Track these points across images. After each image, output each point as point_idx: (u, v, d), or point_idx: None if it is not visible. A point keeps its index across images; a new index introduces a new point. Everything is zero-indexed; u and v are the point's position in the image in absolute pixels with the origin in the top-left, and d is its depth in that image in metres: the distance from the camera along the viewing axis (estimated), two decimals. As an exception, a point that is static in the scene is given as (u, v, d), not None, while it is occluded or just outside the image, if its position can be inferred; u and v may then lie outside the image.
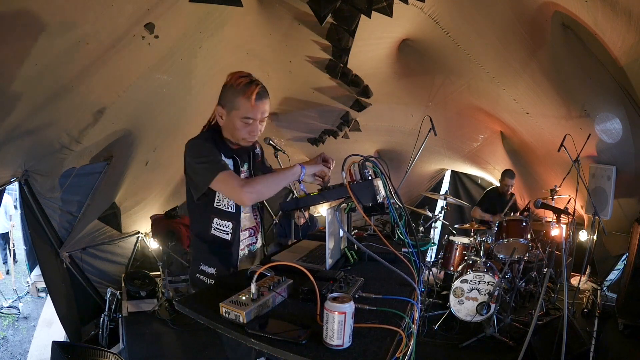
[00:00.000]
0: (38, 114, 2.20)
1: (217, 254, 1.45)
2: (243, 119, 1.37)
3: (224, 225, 1.44)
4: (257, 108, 1.36)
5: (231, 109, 1.38)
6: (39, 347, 3.78)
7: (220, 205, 1.44)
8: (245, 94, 1.33)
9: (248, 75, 1.38)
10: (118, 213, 3.97)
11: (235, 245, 1.45)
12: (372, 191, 1.25)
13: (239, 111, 1.36)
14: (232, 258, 1.46)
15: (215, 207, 1.43)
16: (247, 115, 1.36)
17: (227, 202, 1.44)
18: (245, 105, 1.35)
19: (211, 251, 1.45)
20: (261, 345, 0.90)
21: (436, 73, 3.49)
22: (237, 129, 1.39)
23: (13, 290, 5.05)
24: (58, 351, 2.07)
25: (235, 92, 1.35)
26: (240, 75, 1.37)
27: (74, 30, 1.80)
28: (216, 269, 1.44)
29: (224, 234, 1.44)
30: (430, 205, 4.45)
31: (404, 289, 1.23)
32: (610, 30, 2.21)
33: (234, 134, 1.42)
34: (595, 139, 3.29)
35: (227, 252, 1.45)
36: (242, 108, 1.35)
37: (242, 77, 1.36)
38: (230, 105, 1.37)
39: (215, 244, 1.44)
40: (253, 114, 1.37)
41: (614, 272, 3.84)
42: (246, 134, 1.41)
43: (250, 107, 1.35)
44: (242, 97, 1.34)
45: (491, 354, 2.98)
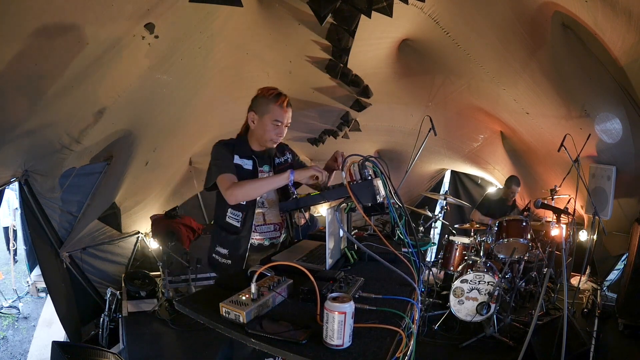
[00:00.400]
0: (38, 114, 2.20)
1: (229, 238, 1.72)
2: (274, 121, 1.66)
3: (235, 214, 1.71)
4: (286, 113, 1.68)
5: (263, 113, 1.66)
6: (39, 347, 3.78)
7: None
8: (277, 101, 1.65)
9: (277, 89, 1.69)
10: (118, 213, 3.97)
11: (244, 232, 1.71)
12: (372, 191, 1.25)
13: (270, 115, 1.65)
14: (241, 243, 1.71)
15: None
16: (277, 118, 1.66)
17: None
18: (277, 110, 1.65)
19: (225, 235, 1.73)
20: (261, 345, 0.90)
21: (436, 73, 3.49)
22: (267, 130, 1.68)
23: (13, 290, 5.05)
24: (58, 351, 2.07)
25: (267, 100, 1.65)
26: (271, 88, 1.68)
27: (74, 30, 1.80)
28: (228, 250, 1.73)
29: (234, 221, 1.71)
30: (430, 205, 4.45)
31: (404, 289, 1.23)
32: (610, 30, 2.21)
33: (263, 135, 1.69)
34: (595, 139, 3.29)
35: (236, 237, 1.71)
36: (273, 112, 1.65)
37: (273, 90, 1.68)
38: (263, 110, 1.66)
39: (227, 229, 1.72)
40: (283, 117, 1.67)
41: (614, 272, 3.85)
42: (274, 135, 1.70)
43: (282, 112, 1.66)
44: (274, 104, 1.65)
45: (491, 354, 2.98)
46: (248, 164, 1.70)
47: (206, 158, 4.76)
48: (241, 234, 1.70)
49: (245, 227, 1.70)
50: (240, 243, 1.71)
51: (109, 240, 4.01)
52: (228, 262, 1.73)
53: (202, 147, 4.33)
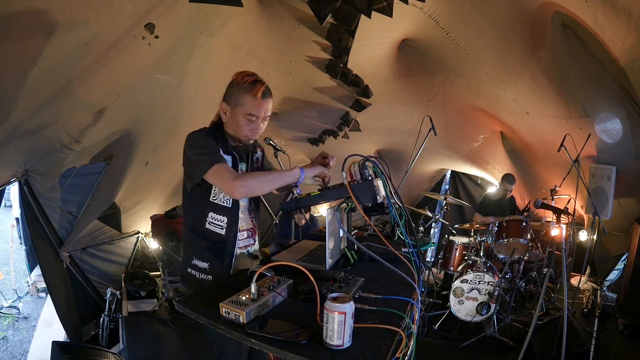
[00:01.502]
0: (38, 114, 2.20)
1: (211, 249, 1.45)
2: (247, 115, 1.40)
3: (218, 219, 1.44)
4: (261, 106, 1.39)
5: (236, 105, 1.40)
6: (39, 347, 3.78)
7: (217, 200, 1.44)
8: (251, 91, 1.36)
9: (254, 75, 1.41)
10: (118, 213, 3.97)
11: (230, 241, 1.45)
12: (372, 191, 1.25)
13: (243, 107, 1.39)
14: (226, 253, 1.45)
15: (211, 201, 1.44)
16: (251, 112, 1.39)
17: (224, 197, 1.44)
18: (250, 103, 1.38)
19: (205, 245, 1.45)
20: (261, 345, 0.90)
21: (436, 73, 3.49)
22: (240, 125, 1.42)
23: (13, 290, 5.05)
24: (58, 351, 2.07)
25: (240, 90, 1.38)
26: (247, 74, 1.40)
27: (74, 30, 1.80)
28: (209, 263, 1.44)
29: (218, 229, 1.44)
30: (430, 205, 4.45)
31: (404, 289, 1.23)
32: (610, 30, 2.21)
33: (236, 130, 1.44)
34: (595, 139, 3.29)
35: (221, 248, 1.45)
36: (247, 105, 1.38)
37: (248, 76, 1.39)
38: (235, 101, 1.40)
39: (209, 239, 1.44)
40: (257, 111, 1.40)
41: (614, 272, 3.84)
42: (248, 131, 1.44)
43: (256, 105, 1.38)
44: (247, 94, 1.37)
45: (491, 354, 2.98)
46: (228, 159, 1.44)
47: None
48: (226, 242, 1.45)
49: (231, 235, 1.45)
50: (224, 254, 1.45)
51: (109, 240, 4.01)
52: (208, 277, 1.44)
53: (202, 147, 4.33)
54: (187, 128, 1.48)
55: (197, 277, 1.46)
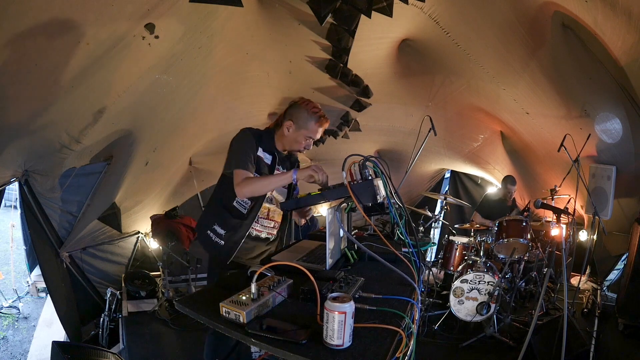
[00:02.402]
0: (38, 114, 2.20)
1: (232, 221, 1.77)
2: (307, 137, 1.80)
3: (244, 201, 1.77)
4: (319, 133, 1.82)
5: (301, 127, 1.78)
6: (39, 347, 3.78)
7: None
8: (318, 122, 1.79)
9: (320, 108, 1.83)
10: (118, 213, 3.97)
11: (248, 220, 1.76)
12: (372, 191, 1.25)
13: (307, 131, 1.79)
14: (241, 229, 1.76)
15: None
16: (311, 135, 1.81)
17: None
18: (314, 129, 1.80)
19: (227, 217, 1.77)
20: (261, 345, 0.90)
21: (436, 73, 3.49)
22: (298, 142, 1.81)
23: (13, 290, 5.05)
24: (58, 351, 2.07)
25: (310, 117, 1.78)
26: (315, 106, 1.82)
27: (74, 30, 1.80)
28: (226, 231, 1.77)
29: (241, 207, 1.77)
30: (430, 205, 4.45)
31: (404, 288, 1.23)
32: (610, 30, 2.21)
33: (292, 144, 1.82)
34: (595, 139, 3.29)
35: (239, 223, 1.77)
36: (311, 130, 1.79)
37: (317, 109, 1.80)
38: (302, 124, 1.78)
39: (232, 213, 1.77)
40: (316, 136, 1.82)
41: (614, 272, 3.85)
42: (302, 147, 1.84)
43: (317, 132, 1.81)
44: (314, 123, 1.78)
45: (491, 354, 2.98)
46: (268, 158, 1.80)
47: (206, 158, 4.77)
48: (245, 220, 1.76)
49: (250, 216, 1.76)
50: (240, 229, 1.76)
51: (109, 240, 4.01)
52: (221, 242, 1.76)
53: (202, 147, 4.33)
54: (188, 128, 1.49)
55: (212, 240, 1.78)
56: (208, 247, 1.80)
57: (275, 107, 4.10)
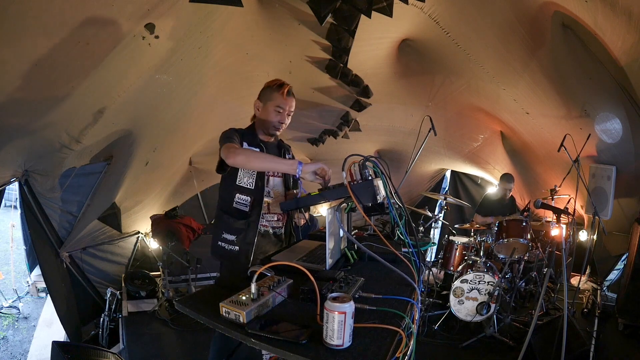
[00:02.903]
0: (38, 114, 2.20)
1: (238, 224, 1.75)
2: (276, 107, 1.76)
3: (243, 199, 1.75)
4: (287, 101, 1.77)
5: (267, 100, 1.78)
6: (39, 347, 3.78)
7: (241, 183, 1.76)
8: (280, 90, 1.75)
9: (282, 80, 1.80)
10: (118, 213, 3.97)
11: (253, 217, 1.74)
12: (372, 191, 1.25)
13: (273, 102, 1.76)
14: (249, 228, 1.74)
15: (237, 185, 1.76)
16: (279, 104, 1.76)
17: (247, 180, 1.76)
18: (278, 98, 1.76)
19: (232, 221, 1.75)
20: (261, 345, 0.90)
21: (436, 73, 3.49)
22: (269, 117, 1.77)
23: (13, 290, 5.05)
24: (58, 351, 2.07)
25: (271, 89, 1.77)
26: (276, 79, 1.79)
27: (74, 30, 1.80)
28: (236, 236, 1.74)
29: (242, 207, 1.76)
30: (430, 205, 4.45)
31: (404, 288, 1.23)
32: (610, 30, 2.21)
33: (266, 123, 1.79)
34: (595, 139, 3.29)
35: (245, 222, 1.74)
36: (275, 99, 1.76)
37: (277, 80, 1.79)
38: (266, 98, 1.78)
39: (236, 215, 1.75)
40: (284, 104, 1.77)
41: (614, 272, 3.84)
42: (276, 122, 1.79)
43: (282, 99, 1.76)
44: (276, 92, 1.75)
45: (491, 354, 2.98)
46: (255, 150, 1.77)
47: (206, 158, 4.76)
48: (250, 218, 1.74)
49: (254, 212, 1.74)
50: (249, 229, 1.73)
51: (109, 240, 4.01)
52: (235, 248, 1.72)
53: (202, 147, 4.34)
54: (187, 128, 1.50)
55: (225, 249, 1.75)
56: (224, 258, 1.77)
57: (275, 107, 4.09)
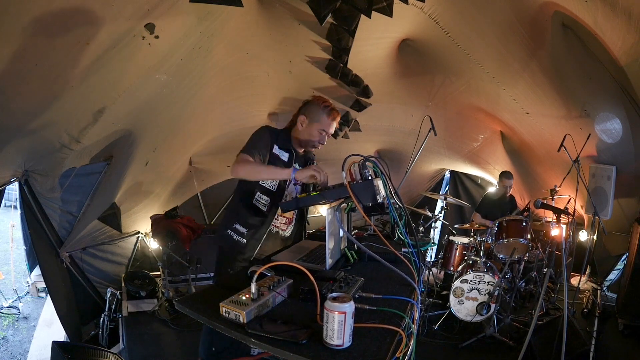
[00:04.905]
0: (38, 114, 2.20)
1: (252, 219, 1.83)
2: (321, 130, 1.83)
3: (263, 199, 1.82)
4: (332, 126, 1.86)
5: (313, 120, 1.82)
6: (39, 347, 3.78)
7: (265, 184, 1.83)
8: (330, 115, 1.83)
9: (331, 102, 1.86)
10: (118, 213, 3.97)
11: (269, 218, 1.84)
12: (372, 191, 1.25)
13: (320, 124, 1.82)
14: (262, 227, 1.84)
15: (260, 184, 1.82)
16: (325, 129, 1.84)
17: (270, 182, 1.83)
18: (327, 123, 1.83)
19: (248, 215, 1.82)
20: (261, 345, 0.90)
21: (436, 73, 3.49)
22: (312, 136, 1.84)
23: (13, 290, 5.05)
24: (58, 351, 2.07)
25: (321, 111, 1.82)
26: (326, 100, 1.85)
27: (74, 30, 1.80)
28: (247, 230, 1.82)
29: (261, 205, 1.82)
30: (430, 205, 4.44)
31: (404, 288, 1.23)
32: (610, 30, 2.21)
33: (307, 139, 1.85)
34: (595, 139, 3.29)
35: (260, 220, 1.83)
36: (324, 123, 1.83)
37: (328, 102, 1.85)
38: (314, 117, 1.82)
39: (253, 211, 1.82)
40: (328, 129, 1.85)
41: (614, 272, 3.84)
42: (316, 142, 1.87)
43: (330, 125, 1.84)
44: (327, 116, 1.82)
45: (491, 354, 2.98)
46: (285, 155, 1.84)
47: (206, 158, 4.76)
48: (266, 218, 1.83)
49: (271, 213, 1.83)
50: (262, 226, 1.84)
51: (109, 240, 4.01)
52: (243, 240, 1.81)
53: (202, 147, 4.33)
54: (188, 128, 1.50)
55: (234, 238, 1.82)
56: (227, 245, 1.83)
57: (275, 107, 4.10)
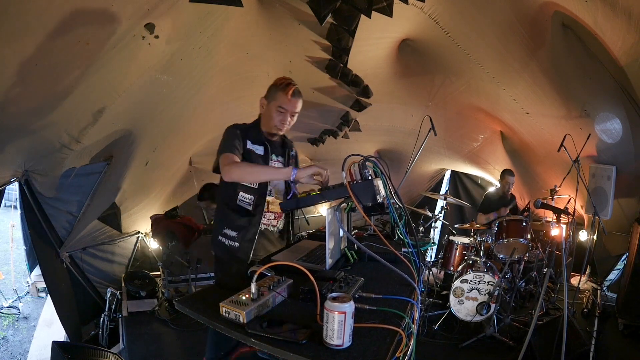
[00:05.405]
0: (38, 114, 2.20)
1: (240, 221, 1.74)
2: (278, 107, 1.72)
3: (247, 197, 1.74)
4: (291, 102, 1.72)
5: (271, 99, 1.74)
6: (39, 347, 3.78)
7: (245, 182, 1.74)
8: (285, 90, 1.71)
9: (290, 80, 1.75)
10: (118, 213, 3.97)
11: (257, 216, 1.74)
12: (372, 191, 1.25)
13: (276, 101, 1.72)
14: (251, 226, 1.74)
15: (241, 183, 1.73)
16: (282, 105, 1.72)
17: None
18: (282, 98, 1.71)
19: (235, 218, 1.74)
20: (261, 345, 0.90)
21: (436, 73, 3.49)
22: (272, 117, 1.74)
23: (13, 290, 5.05)
24: (58, 351, 2.07)
25: (277, 88, 1.73)
26: (284, 78, 1.75)
27: (74, 30, 1.80)
28: (237, 232, 1.74)
29: (246, 205, 1.74)
30: (430, 205, 4.45)
31: (404, 288, 1.23)
32: (610, 30, 2.21)
33: (268, 122, 1.76)
34: (595, 139, 3.29)
35: (248, 220, 1.74)
36: (279, 99, 1.72)
37: (285, 79, 1.74)
38: (271, 97, 1.74)
39: (239, 212, 1.74)
40: (287, 105, 1.72)
41: (614, 272, 3.85)
42: (278, 122, 1.75)
43: (286, 100, 1.71)
44: (281, 92, 1.71)
45: (491, 354, 2.98)
46: (259, 149, 1.76)
47: (206, 158, 4.76)
48: (254, 217, 1.73)
49: (257, 211, 1.74)
50: (251, 226, 1.74)
51: (109, 240, 4.01)
52: (236, 244, 1.73)
53: (202, 147, 4.33)
54: (187, 128, 1.50)
55: (226, 244, 1.75)
56: (224, 253, 1.76)
57: (275, 107, 4.09)
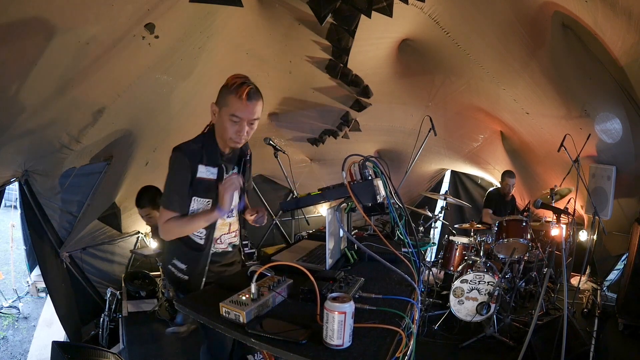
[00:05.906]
0: (38, 114, 2.20)
1: (191, 254, 1.57)
2: (231, 116, 1.39)
3: (200, 232, 1.55)
4: (246, 107, 1.38)
5: (222, 106, 1.41)
6: (39, 347, 3.78)
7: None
8: (237, 93, 1.36)
9: (243, 77, 1.41)
10: (118, 213, 3.97)
11: (206, 250, 1.57)
12: (372, 191, 1.25)
13: (228, 108, 1.39)
14: (201, 259, 1.58)
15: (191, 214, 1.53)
16: (235, 113, 1.38)
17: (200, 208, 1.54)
18: (235, 104, 1.37)
19: (185, 250, 1.57)
20: (261, 345, 0.90)
21: (436, 73, 3.49)
22: (225, 128, 1.42)
23: (13, 290, 5.05)
24: (58, 351, 2.07)
25: (228, 91, 1.39)
26: (237, 76, 1.40)
27: (74, 30, 1.80)
28: (187, 265, 1.58)
29: (198, 239, 1.56)
30: (430, 205, 4.45)
31: (404, 288, 1.23)
32: (610, 30, 2.21)
33: (222, 134, 1.46)
34: (595, 139, 3.29)
35: (198, 254, 1.57)
36: (231, 105, 1.38)
37: (237, 78, 1.40)
38: (222, 102, 1.41)
39: (189, 245, 1.57)
40: (241, 112, 1.38)
41: (614, 272, 3.84)
42: (233, 134, 1.43)
43: (240, 106, 1.37)
44: (233, 95, 1.37)
45: (491, 354, 2.98)
46: (213, 172, 1.50)
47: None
48: (204, 251, 1.57)
49: (208, 244, 1.57)
50: (200, 260, 1.57)
51: (109, 240, 4.01)
52: (185, 277, 1.58)
53: (202, 147, 4.33)
54: (188, 128, 1.49)
55: (176, 275, 1.60)
56: (174, 283, 1.62)
57: (275, 107, 4.10)
